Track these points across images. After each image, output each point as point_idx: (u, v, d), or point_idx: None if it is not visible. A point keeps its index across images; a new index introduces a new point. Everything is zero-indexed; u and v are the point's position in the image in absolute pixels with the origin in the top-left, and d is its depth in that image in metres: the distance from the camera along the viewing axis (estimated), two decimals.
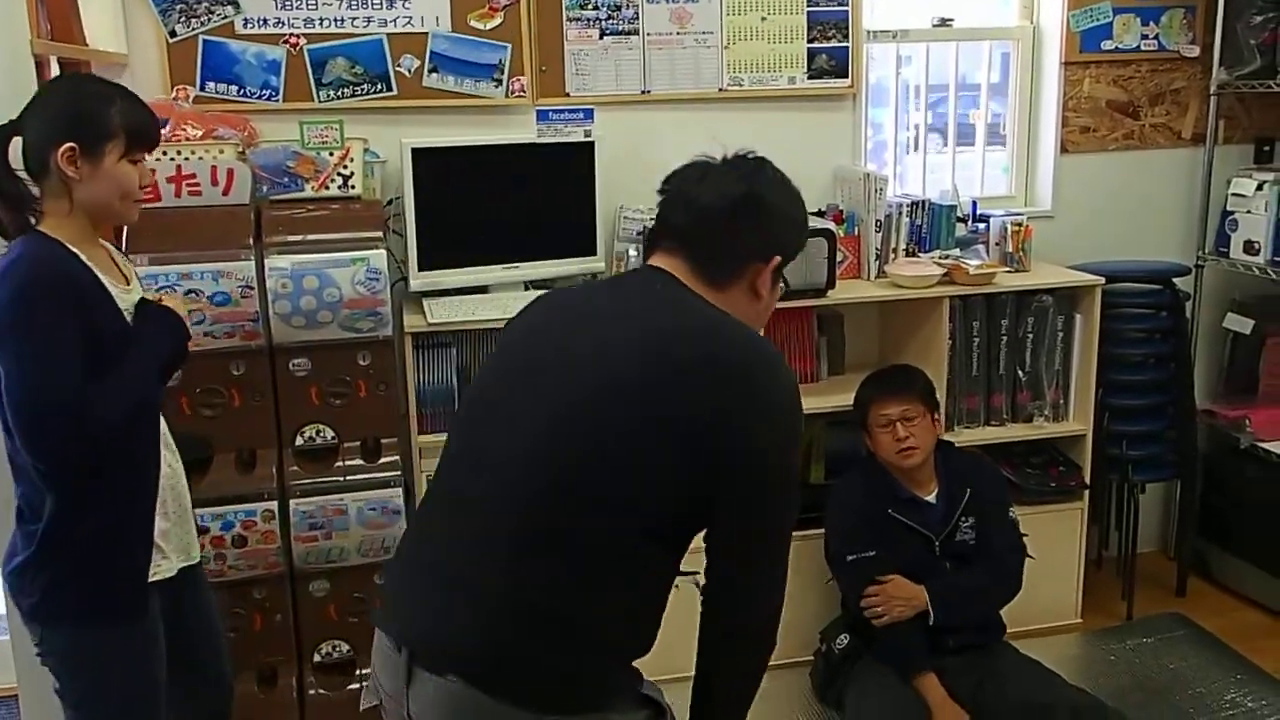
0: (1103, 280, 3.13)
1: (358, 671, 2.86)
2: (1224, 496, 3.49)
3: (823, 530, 2.90)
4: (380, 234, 2.69)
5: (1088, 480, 3.23)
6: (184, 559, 2.08)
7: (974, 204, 3.36)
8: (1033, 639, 3.09)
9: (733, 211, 1.52)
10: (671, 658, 1.63)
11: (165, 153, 2.60)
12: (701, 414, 1.40)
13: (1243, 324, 3.48)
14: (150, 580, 1.94)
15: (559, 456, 1.44)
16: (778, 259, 1.57)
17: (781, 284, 1.62)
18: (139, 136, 1.90)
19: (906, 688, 2.63)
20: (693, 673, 1.59)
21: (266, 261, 2.59)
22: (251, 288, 2.58)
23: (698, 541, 1.54)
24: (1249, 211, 3.35)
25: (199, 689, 2.19)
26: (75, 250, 1.85)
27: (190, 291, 2.54)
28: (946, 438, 3.04)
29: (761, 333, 1.62)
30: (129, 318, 1.92)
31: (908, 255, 3.21)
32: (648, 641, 1.52)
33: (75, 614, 1.88)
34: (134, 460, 1.93)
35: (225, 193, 2.65)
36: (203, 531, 2.64)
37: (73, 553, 1.85)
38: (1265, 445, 3.31)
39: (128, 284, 1.99)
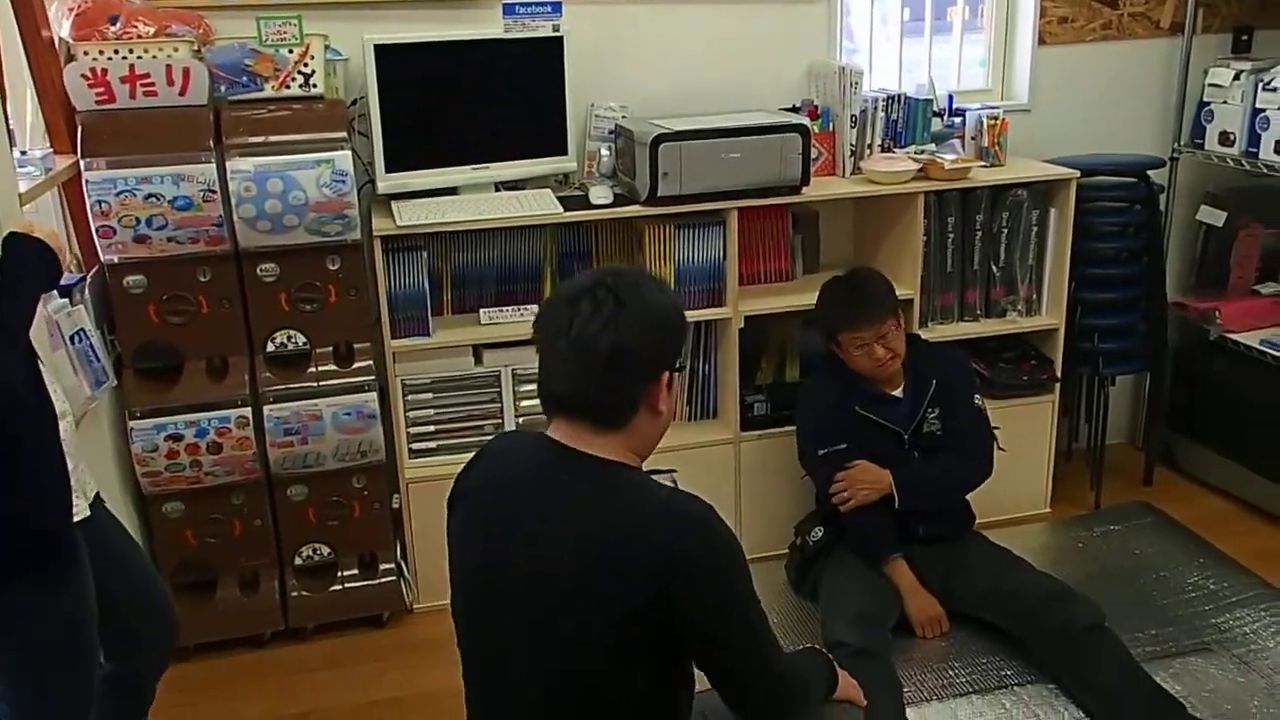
0: (1078, 174, 3.11)
1: (339, 574, 2.90)
2: (1192, 388, 3.54)
3: (796, 428, 2.92)
4: (345, 135, 2.64)
5: (1059, 374, 3.26)
6: (90, 494, 1.95)
7: (950, 98, 3.31)
8: (1002, 529, 3.15)
9: (607, 368, 1.52)
10: None
11: (117, 51, 2.52)
12: (657, 605, 1.47)
13: (1215, 216, 3.48)
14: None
15: (555, 683, 1.53)
16: (666, 374, 1.59)
17: (680, 374, 1.62)
18: None
19: (878, 575, 2.69)
20: None
21: (228, 164, 2.54)
22: (214, 191, 2.53)
23: None
24: (1225, 102, 3.32)
25: (140, 605, 2.07)
26: None
27: (150, 196, 2.49)
28: (921, 334, 3.06)
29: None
30: None
31: (883, 151, 3.18)
32: None
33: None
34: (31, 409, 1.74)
35: (181, 93, 2.57)
36: (177, 439, 2.65)
37: None
38: (1233, 337, 3.34)
39: None
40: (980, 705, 2.48)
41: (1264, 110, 3.19)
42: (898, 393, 2.79)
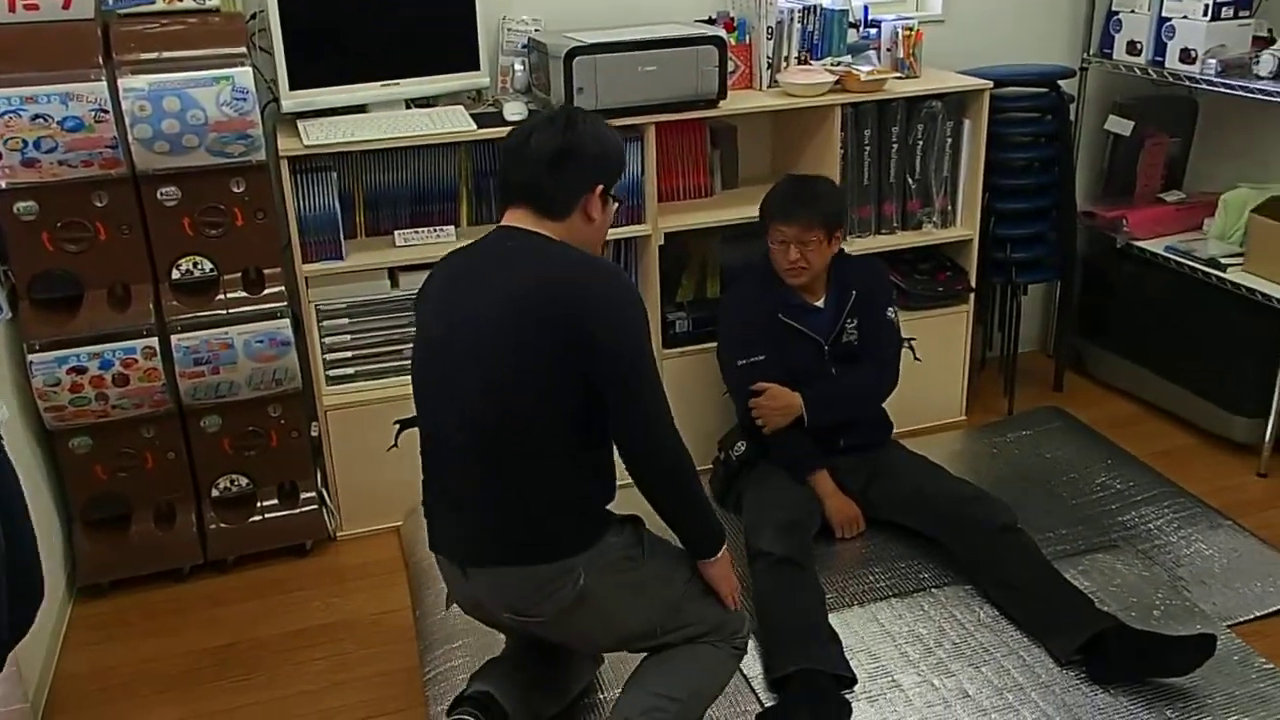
0: (991, 84, 3.13)
1: (258, 504, 2.85)
2: (1100, 295, 3.64)
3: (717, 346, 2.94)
4: (244, 50, 2.52)
5: (973, 284, 3.31)
6: None
7: (865, 9, 3.29)
8: (920, 437, 3.23)
9: (553, 162, 1.90)
10: None
11: None
12: (567, 331, 1.81)
13: (1123, 126, 3.54)
14: None
15: (489, 407, 1.86)
16: (600, 187, 1.94)
17: (613, 204, 2.00)
18: None
19: (800, 485, 2.74)
20: None
21: (120, 82, 2.42)
22: (106, 111, 2.41)
23: None
24: (1133, 11, 3.35)
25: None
26: None
27: (37, 116, 2.36)
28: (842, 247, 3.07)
29: (601, 250, 2.08)
30: None
31: (799, 63, 3.15)
32: (608, 493, 1.97)
33: None
34: None
35: (65, 6, 2.43)
36: (80, 371, 2.55)
37: None
38: (1140, 244, 3.43)
39: None
40: (900, 608, 2.56)
41: (1170, 19, 3.23)
42: (819, 303, 2.81)
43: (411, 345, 2.06)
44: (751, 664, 2.37)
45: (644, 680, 2.00)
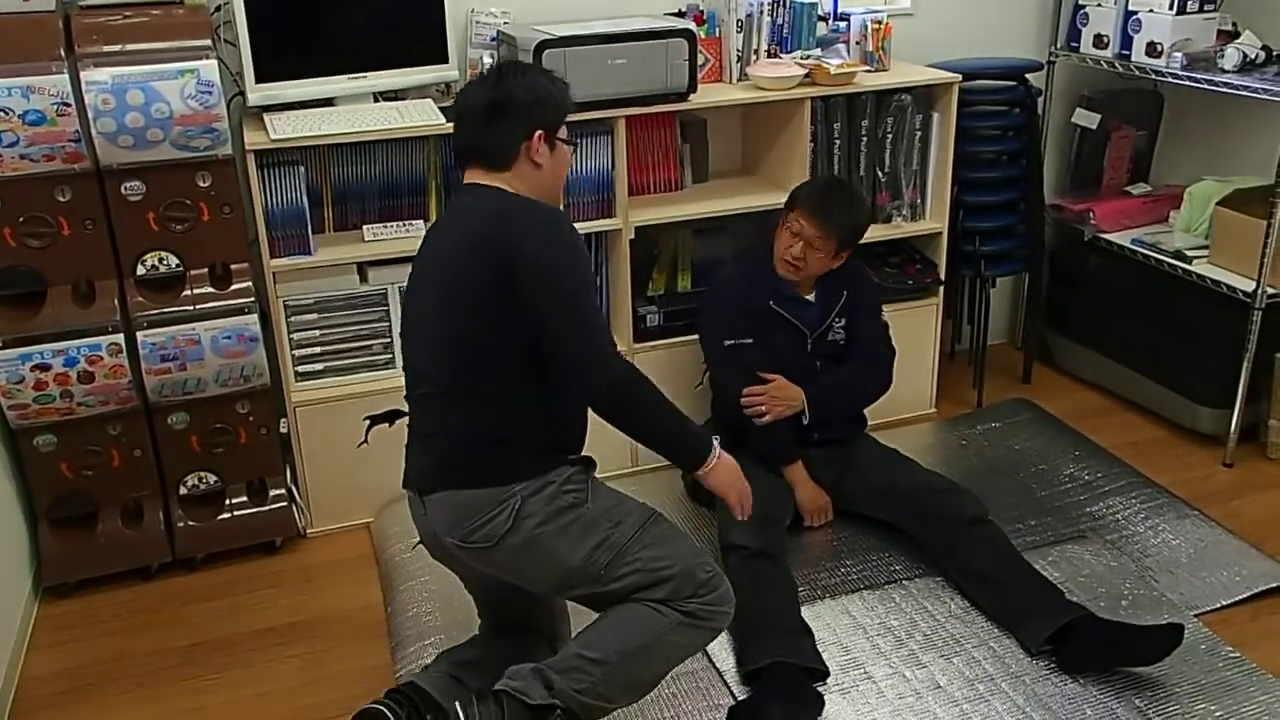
0: (959, 78, 3.14)
1: (227, 501, 2.82)
2: (1067, 287, 3.66)
3: (695, 337, 2.93)
4: (209, 42, 2.49)
5: (943, 277, 3.33)
6: None
7: (834, 2, 3.30)
8: (891, 429, 3.25)
9: (484, 115, 1.99)
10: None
11: None
12: (500, 252, 1.90)
13: (1090, 119, 3.57)
14: None
15: (446, 341, 1.96)
16: (540, 131, 2.00)
17: (564, 145, 2.06)
18: None
19: (772, 478, 2.75)
20: None
21: (83, 75, 2.38)
22: (69, 105, 2.37)
23: None
24: (1099, 4, 3.38)
25: None
26: None
27: None
28: None
29: (560, 199, 2.25)
30: None
31: (769, 56, 3.15)
32: (564, 431, 2.04)
33: None
34: None
35: None
36: (44, 368, 2.52)
37: None
38: (1106, 237, 3.46)
39: None
40: (872, 600, 2.57)
41: (1136, 13, 3.26)
42: (810, 297, 2.82)
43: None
44: (724, 657, 2.38)
45: (572, 642, 1.97)
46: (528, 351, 1.93)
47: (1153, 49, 3.22)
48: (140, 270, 2.60)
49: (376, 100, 2.86)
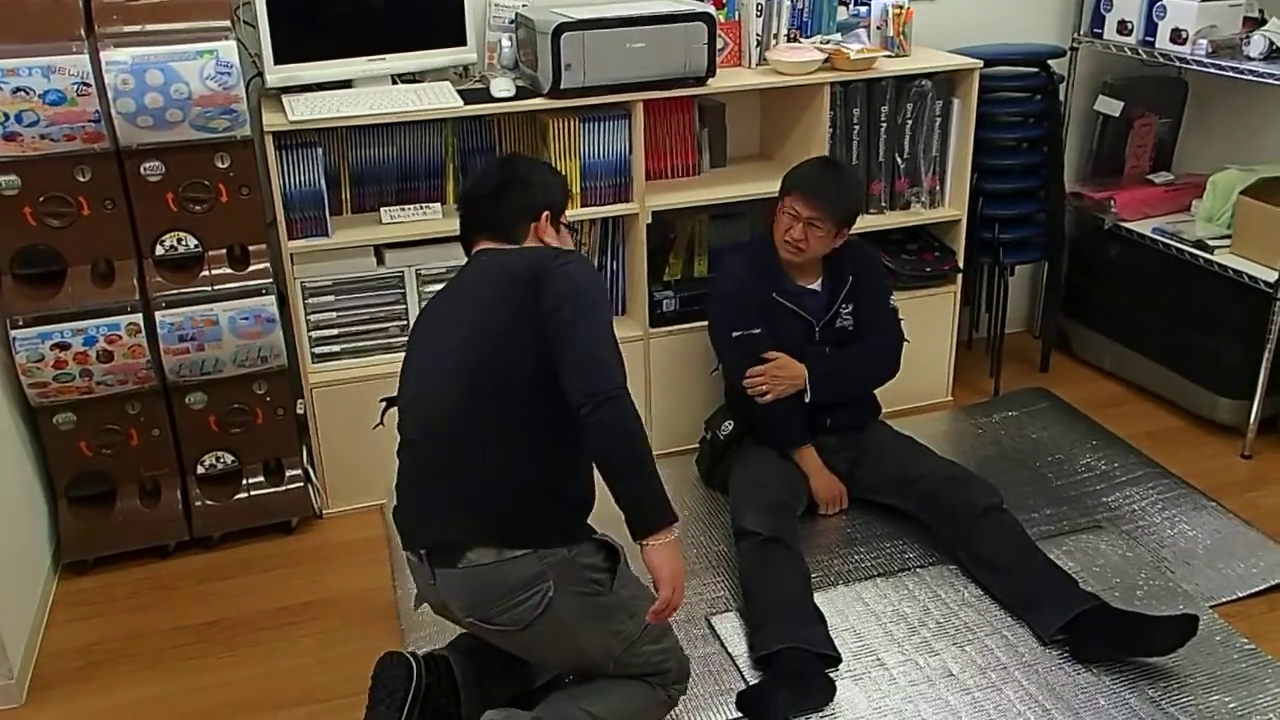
0: (981, 63, 3.12)
1: (244, 481, 2.84)
2: (1087, 276, 3.64)
3: (706, 324, 2.93)
4: (228, 23, 2.49)
5: (961, 264, 3.31)
6: None
7: None
8: (907, 417, 3.23)
9: (492, 195, 2.11)
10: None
11: None
12: (534, 276, 1.94)
13: (1112, 106, 3.54)
14: None
15: (465, 394, 1.92)
16: (546, 212, 2.11)
17: (566, 230, 2.17)
18: None
19: (786, 464, 2.75)
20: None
21: (103, 55, 2.39)
22: (89, 85, 2.38)
23: None
24: None
25: None
26: None
27: (19, 90, 2.33)
28: None
29: None
30: None
31: (789, 41, 3.13)
32: (586, 495, 2.00)
33: None
34: None
35: None
36: (64, 347, 2.54)
37: None
38: (1127, 225, 3.43)
39: None
40: (885, 587, 2.57)
41: None
42: (815, 286, 2.81)
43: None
44: (736, 642, 2.38)
45: (575, 693, 2.03)
46: (554, 389, 1.86)
47: (1177, 35, 3.18)
48: (159, 250, 2.61)
49: (395, 82, 2.86)
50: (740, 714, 2.21)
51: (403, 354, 2.10)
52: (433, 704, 2.00)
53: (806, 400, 2.74)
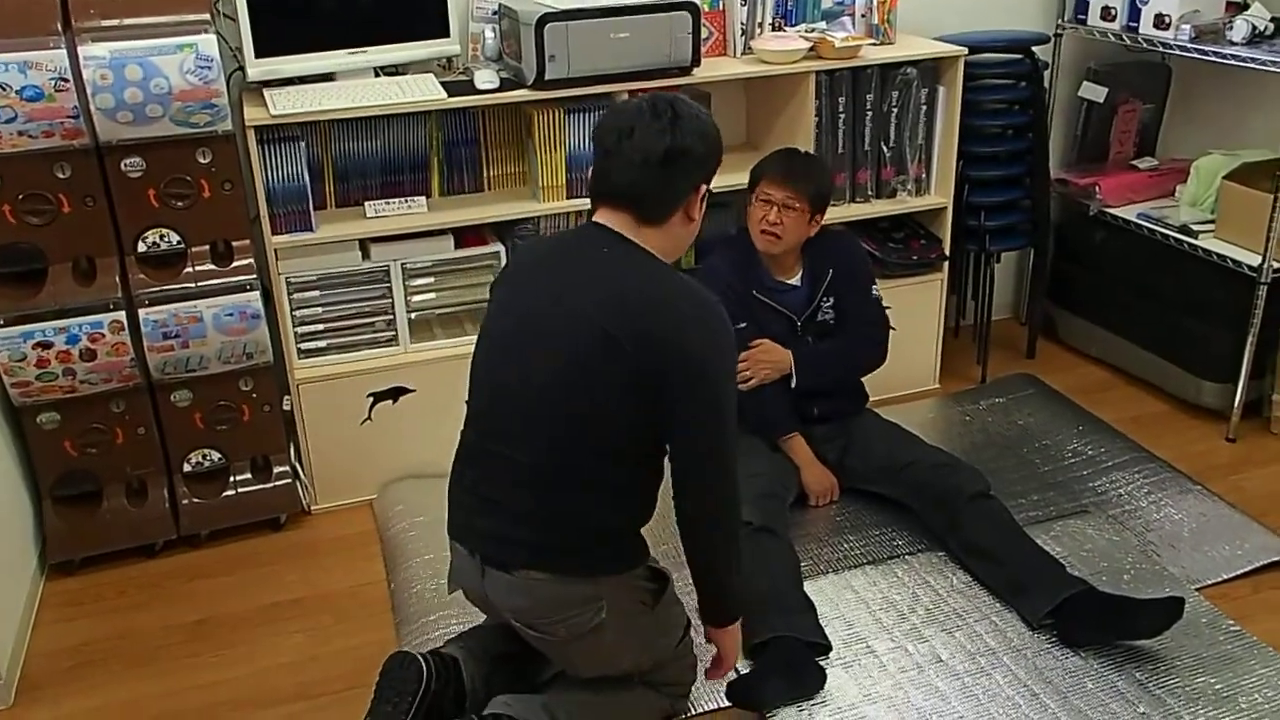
0: (966, 51, 3.12)
1: (231, 478, 2.83)
2: (1072, 262, 3.65)
3: None
4: (207, 16, 2.47)
5: (947, 252, 3.31)
6: None
7: None
8: (894, 405, 3.24)
9: (661, 165, 1.79)
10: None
11: None
12: (656, 357, 1.75)
13: (1096, 92, 3.54)
14: None
15: (554, 420, 1.81)
16: (704, 186, 1.86)
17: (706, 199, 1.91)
18: None
19: (776, 455, 2.75)
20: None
21: (80, 50, 2.36)
22: (66, 80, 2.36)
23: None
24: None
25: None
26: None
27: None
28: None
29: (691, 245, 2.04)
30: None
31: (774, 29, 3.12)
32: (648, 517, 1.95)
33: None
34: None
35: None
36: (46, 346, 2.52)
37: None
38: (1112, 211, 3.44)
39: None
40: (874, 575, 2.58)
41: None
42: (794, 281, 2.80)
43: (479, 329, 1.98)
44: None
45: (576, 685, 2.03)
46: (648, 448, 1.85)
47: (1161, 21, 3.19)
48: (141, 247, 2.59)
49: (377, 75, 2.84)
50: (731, 703, 2.21)
51: (389, 348, 2.05)
52: (438, 708, 1.98)
53: (792, 386, 2.74)
